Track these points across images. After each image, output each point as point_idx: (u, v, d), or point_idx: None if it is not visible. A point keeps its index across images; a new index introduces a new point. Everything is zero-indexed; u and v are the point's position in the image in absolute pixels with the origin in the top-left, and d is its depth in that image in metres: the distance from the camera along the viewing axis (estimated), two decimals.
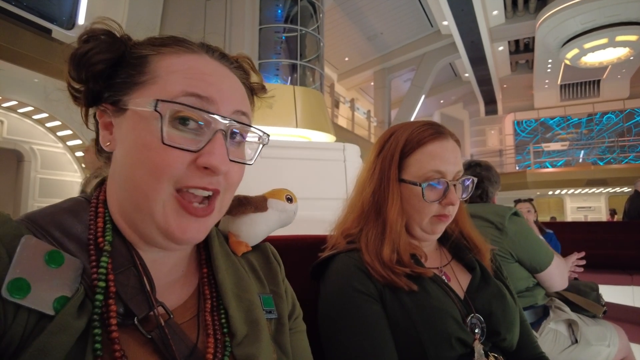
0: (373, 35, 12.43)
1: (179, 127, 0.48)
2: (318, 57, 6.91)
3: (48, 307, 0.42)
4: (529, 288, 1.60)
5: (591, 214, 14.13)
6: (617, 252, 3.87)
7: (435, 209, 0.85)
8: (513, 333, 0.84)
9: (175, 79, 0.49)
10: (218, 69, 0.53)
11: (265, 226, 0.69)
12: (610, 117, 16.16)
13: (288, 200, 0.74)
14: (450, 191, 0.84)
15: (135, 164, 0.48)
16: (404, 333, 0.77)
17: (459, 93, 17.18)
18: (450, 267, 0.91)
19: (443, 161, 0.85)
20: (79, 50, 0.50)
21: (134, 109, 0.49)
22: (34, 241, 0.44)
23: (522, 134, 17.35)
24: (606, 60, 12.25)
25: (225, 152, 0.49)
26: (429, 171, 0.84)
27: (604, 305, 1.71)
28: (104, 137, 0.52)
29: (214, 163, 0.47)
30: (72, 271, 0.45)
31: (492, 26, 11.32)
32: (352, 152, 2.72)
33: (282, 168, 2.69)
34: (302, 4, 6.63)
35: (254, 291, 0.60)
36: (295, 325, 0.67)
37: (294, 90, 4.89)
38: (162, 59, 0.51)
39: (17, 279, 0.41)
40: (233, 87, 0.54)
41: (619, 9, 9.88)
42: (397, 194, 0.86)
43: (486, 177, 1.75)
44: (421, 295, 0.80)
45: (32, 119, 5.84)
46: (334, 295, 0.82)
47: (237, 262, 0.63)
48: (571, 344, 1.55)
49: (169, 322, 0.49)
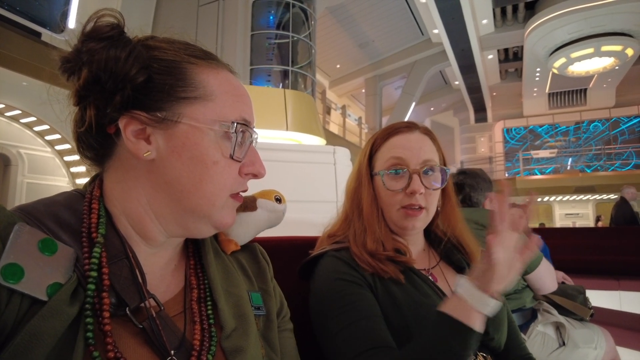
0: (365, 42, 12.54)
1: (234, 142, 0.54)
2: (310, 63, 6.95)
3: (41, 292, 0.42)
4: (517, 291, 1.62)
5: (579, 220, 14.31)
6: (604, 258, 3.92)
7: (401, 199, 0.87)
8: (501, 332, 0.84)
9: (230, 101, 0.55)
10: (245, 89, 0.60)
11: (254, 225, 0.71)
12: (597, 125, 16.43)
13: (277, 201, 0.75)
14: (413, 179, 0.85)
15: (204, 178, 0.52)
16: (394, 327, 0.77)
17: (449, 101, 17.36)
18: (439, 269, 0.92)
19: (404, 149, 0.88)
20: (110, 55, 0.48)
21: (194, 124, 0.51)
22: (27, 228, 0.45)
23: (512, 142, 17.55)
24: (592, 70, 12.50)
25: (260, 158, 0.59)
26: (389, 159, 0.88)
27: (590, 308, 1.73)
28: (139, 146, 0.50)
29: (260, 170, 0.58)
30: (66, 259, 0.46)
31: (481, 35, 11.50)
32: (343, 156, 2.73)
33: (272, 170, 2.67)
34: (294, 10, 6.68)
35: (242, 287, 0.61)
36: (283, 324, 0.68)
37: (285, 93, 4.90)
38: (203, 73, 0.53)
39: (11, 264, 0.41)
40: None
41: (605, 19, 10.12)
42: (369, 187, 0.90)
43: (468, 184, 1.79)
44: (411, 290, 0.81)
45: (20, 122, 5.78)
46: (324, 289, 0.82)
47: (227, 259, 0.64)
48: (559, 347, 1.56)
49: (160, 313, 0.50)
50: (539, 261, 1.59)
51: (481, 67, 12.77)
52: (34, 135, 5.96)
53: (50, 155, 6.14)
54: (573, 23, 10.40)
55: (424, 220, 0.89)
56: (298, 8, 6.76)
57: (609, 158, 15.96)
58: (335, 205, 2.47)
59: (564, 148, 16.69)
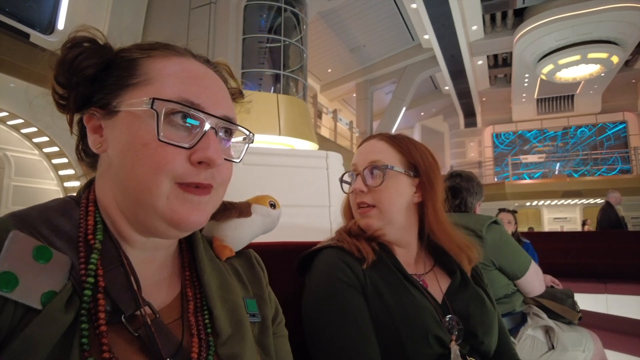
0: (356, 47, 12.60)
1: (174, 125, 0.50)
2: (301, 67, 6.96)
3: (36, 301, 0.42)
4: (507, 295, 1.63)
5: (567, 224, 14.48)
6: (591, 261, 3.98)
7: (354, 200, 0.97)
8: (491, 337, 0.85)
9: (171, 82, 0.51)
10: (207, 72, 0.56)
11: (249, 231, 0.71)
12: (584, 130, 16.70)
13: (272, 206, 0.75)
14: (357, 180, 0.96)
15: (135, 162, 0.49)
16: (384, 328, 0.79)
17: (439, 105, 17.50)
18: (433, 274, 0.93)
19: (356, 155, 1.00)
20: (67, 56, 0.51)
21: (128, 109, 0.50)
22: (21, 236, 0.44)
23: (501, 146, 17.74)
24: (579, 76, 12.72)
25: (219, 146, 0.52)
26: (350, 167, 1.01)
27: (579, 311, 1.76)
28: (94, 140, 0.53)
29: (211, 156, 0.49)
30: (61, 267, 0.45)
31: (471, 41, 11.63)
32: (335, 160, 2.74)
33: (265, 175, 2.67)
34: (286, 14, 6.69)
35: (238, 294, 0.61)
36: (278, 330, 0.67)
37: (277, 98, 4.91)
38: (154, 62, 0.53)
39: (4, 273, 0.41)
40: (221, 90, 0.56)
41: (591, 27, 10.32)
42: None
43: (465, 188, 1.78)
44: (401, 291, 0.82)
45: (7, 124, 5.68)
46: (319, 286, 0.84)
47: (222, 266, 0.63)
48: (548, 350, 1.58)
49: (155, 321, 0.49)
50: (528, 265, 1.61)
51: (471, 72, 12.90)
52: (22, 137, 5.86)
53: (38, 157, 6.04)
54: (560, 30, 10.59)
55: (379, 218, 0.93)
56: (290, 12, 6.77)
57: (595, 163, 16.23)
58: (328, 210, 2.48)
59: (552, 153, 16.92)
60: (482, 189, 1.84)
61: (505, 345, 0.91)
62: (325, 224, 1.99)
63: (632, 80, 15.13)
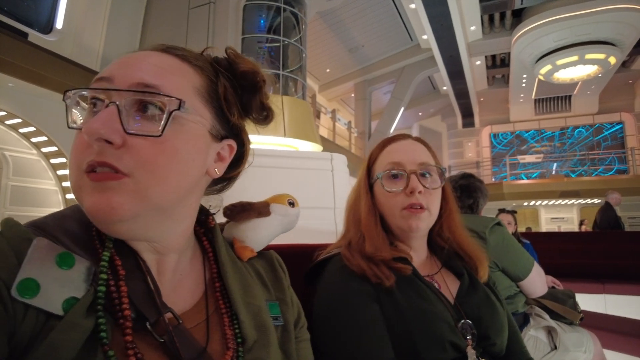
0: (354, 47, 12.60)
1: (86, 111, 0.48)
2: (300, 67, 6.96)
3: (57, 307, 0.42)
4: (510, 296, 1.64)
5: (564, 224, 14.54)
6: (589, 262, 3.99)
7: (402, 200, 0.89)
8: (502, 337, 0.86)
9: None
10: (141, 53, 0.51)
11: (268, 231, 0.70)
12: (581, 131, 16.76)
13: (290, 205, 0.74)
14: (411, 178, 0.88)
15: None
16: (399, 336, 0.78)
17: (437, 106, 17.52)
18: (441, 275, 0.93)
19: (399, 153, 0.92)
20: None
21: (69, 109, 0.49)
22: (45, 242, 0.44)
23: (499, 146, 17.79)
24: (577, 77, 12.76)
25: (109, 119, 0.44)
26: (386, 164, 0.92)
27: (580, 312, 1.77)
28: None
29: (88, 127, 0.43)
30: (83, 273, 0.45)
31: (470, 41, 11.65)
32: (340, 162, 2.74)
33: (270, 177, 2.67)
34: (285, 14, 6.69)
35: (261, 297, 0.60)
36: (300, 334, 0.66)
37: (282, 99, 4.90)
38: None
39: (26, 279, 0.41)
40: (145, 61, 0.49)
41: (589, 28, 10.36)
42: (367, 196, 0.93)
43: (479, 189, 1.80)
44: (415, 298, 0.81)
45: (5, 124, 5.66)
46: (331, 295, 0.83)
47: (244, 268, 0.63)
48: (550, 350, 1.59)
49: (178, 327, 0.49)
50: (531, 266, 1.62)
51: (469, 73, 12.92)
52: (20, 137, 5.84)
53: (36, 157, 6.02)
54: (558, 31, 10.62)
55: (427, 221, 0.90)
56: (289, 12, 6.77)
57: (592, 163, 16.29)
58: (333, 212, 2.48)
59: (549, 153, 16.97)
60: (486, 193, 1.85)
61: (516, 345, 0.91)
62: (330, 226, 1.99)
63: (629, 81, 15.19)
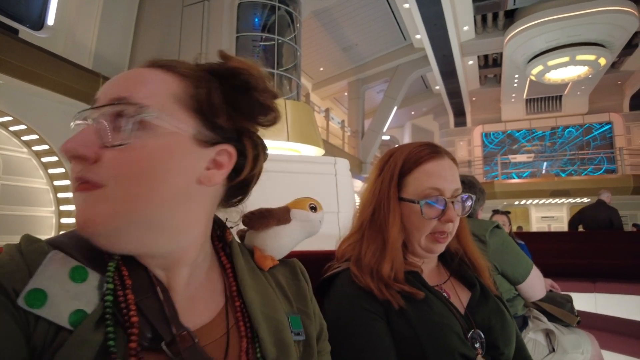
0: (348, 46, 12.59)
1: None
2: (295, 66, 6.94)
3: (63, 319, 0.42)
4: (509, 299, 1.65)
5: (554, 223, 14.71)
6: (580, 261, 4.04)
7: (434, 226, 0.87)
8: (511, 348, 0.87)
9: None
10: (126, 72, 0.50)
11: (289, 238, 0.67)
12: (571, 130, 16.95)
13: (312, 209, 0.70)
14: (449, 208, 0.86)
15: None
16: (409, 347, 0.78)
17: (429, 105, 17.59)
18: (450, 284, 0.94)
19: (440, 179, 0.87)
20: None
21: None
22: (61, 255, 0.45)
23: (490, 146, 17.92)
24: (567, 78, 12.89)
25: (82, 136, 0.45)
26: (426, 189, 0.86)
27: (577, 315, 1.79)
28: None
29: (63, 147, 0.44)
30: (95, 288, 0.45)
31: (463, 41, 11.70)
32: (343, 166, 2.73)
33: (273, 181, 2.67)
34: (280, 13, 6.67)
35: (282, 311, 0.58)
36: (322, 348, 0.65)
37: (285, 103, 4.88)
38: None
39: (34, 290, 0.42)
40: (124, 77, 0.49)
41: (580, 29, 10.47)
42: (397, 212, 0.88)
43: (478, 195, 1.81)
44: (425, 310, 0.81)
45: None
46: (339, 312, 0.82)
47: (264, 278, 0.61)
48: (549, 353, 1.61)
49: (194, 346, 0.48)
50: (530, 269, 1.63)
51: (462, 72, 12.99)
52: (10, 135, 5.74)
53: (27, 156, 5.92)
54: (550, 32, 10.72)
55: (447, 244, 0.91)
56: (284, 11, 6.75)
57: (582, 163, 16.48)
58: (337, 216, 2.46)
59: (540, 153, 17.14)
60: (484, 194, 1.86)
61: (522, 353, 0.92)
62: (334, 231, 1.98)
63: (618, 82, 15.39)
